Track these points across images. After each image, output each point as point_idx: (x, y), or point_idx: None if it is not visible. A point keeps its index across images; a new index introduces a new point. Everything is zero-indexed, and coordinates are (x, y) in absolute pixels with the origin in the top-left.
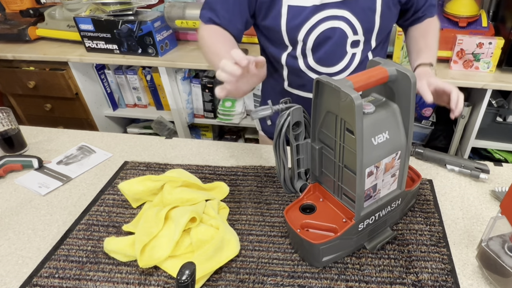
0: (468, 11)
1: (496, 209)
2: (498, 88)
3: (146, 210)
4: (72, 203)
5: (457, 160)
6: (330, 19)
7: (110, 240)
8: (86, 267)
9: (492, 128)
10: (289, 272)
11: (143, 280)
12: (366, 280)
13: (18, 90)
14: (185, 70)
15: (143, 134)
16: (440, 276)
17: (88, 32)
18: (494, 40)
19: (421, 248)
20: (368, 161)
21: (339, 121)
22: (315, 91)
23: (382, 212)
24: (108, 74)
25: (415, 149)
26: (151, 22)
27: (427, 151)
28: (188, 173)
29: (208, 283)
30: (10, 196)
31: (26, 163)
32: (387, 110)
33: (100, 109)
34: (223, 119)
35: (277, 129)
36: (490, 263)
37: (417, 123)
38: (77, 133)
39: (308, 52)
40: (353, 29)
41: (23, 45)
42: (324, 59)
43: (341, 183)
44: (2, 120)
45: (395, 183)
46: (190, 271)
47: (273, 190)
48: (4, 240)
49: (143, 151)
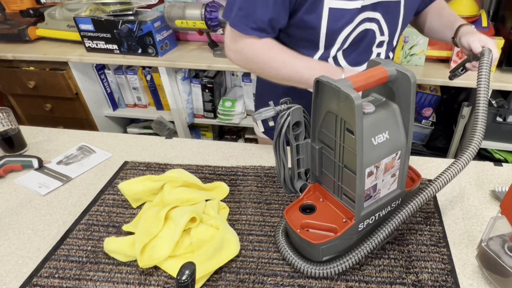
0: (468, 11)
1: (496, 209)
2: (498, 88)
3: (146, 210)
4: (72, 203)
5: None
6: (365, 21)
7: (110, 240)
8: (86, 267)
9: (492, 128)
10: (289, 272)
11: (143, 280)
12: (366, 280)
13: (18, 90)
14: (185, 70)
15: (143, 134)
16: (440, 276)
17: (88, 32)
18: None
19: (421, 248)
20: (368, 161)
21: (339, 121)
22: (315, 91)
23: (382, 212)
24: (108, 74)
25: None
26: (151, 22)
27: None
28: (188, 173)
29: (208, 283)
30: (10, 196)
31: (26, 163)
32: (387, 110)
33: (100, 109)
34: (223, 119)
35: (277, 129)
36: (490, 263)
37: (417, 123)
38: (77, 133)
39: (339, 53)
40: (381, 30)
41: (23, 45)
42: (354, 60)
43: (341, 183)
44: (2, 120)
45: (395, 183)
46: (190, 271)
47: (273, 190)
48: (4, 240)
49: (143, 151)
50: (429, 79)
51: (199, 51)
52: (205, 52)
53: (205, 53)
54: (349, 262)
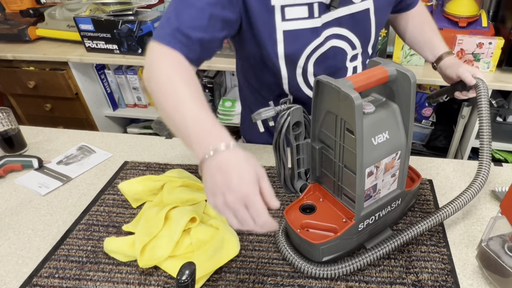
0: (468, 11)
1: (496, 209)
2: (498, 88)
3: (146, 210)
4: (72, 203)
5: None
6: (328, 39)
7: (110, 240)
8: (86, 267)
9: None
10: (289, 272)
11: (143, 280)
12: (366, 280)
13: (18, 90)
14: None
15: (143, 134)
16: (440, 276)
17: (88, 32)
18: (494, 40)
19: (421, 248)
20: (368, 161)
21: (339, 121)
22: (315, 91)
23: (382, 212)
24: (108, 74)
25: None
26: (151, 22)
27: None
28: (188, 173)
29: (208, 283)
30: (10, 196)
31: (26, 163)
32: (387, 110)
33: (100, 109)
34: (223, 119)
35: (277, 129)
36: (490, 263)
37: (417, 123)
38: (77, 133)
39: (307, 75)
40: (352, 45)
41: (23, 45)
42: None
43: (341, 183)
44: (2, 120)
45: (395, 183)
46: (190, 271)
47: (273, 190)
48: (4, 240)
49: (143, 151)
50: (429, 79)
51: None
52: None
53: None
54: (350, 267)
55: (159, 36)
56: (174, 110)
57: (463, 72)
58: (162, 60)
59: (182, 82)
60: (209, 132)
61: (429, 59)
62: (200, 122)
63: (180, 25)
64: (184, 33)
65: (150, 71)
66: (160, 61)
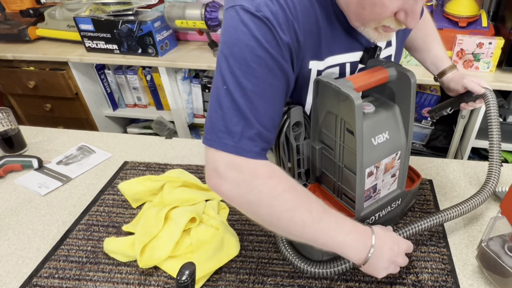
0: (468, 11)
1: (496, 209)
2: (498, 88)
3: (146, 210)
4: (72, 203)
5: None
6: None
7: (110, 241)
8: (86, 267)
9: None
10: (289, 272)
11: (143, 280)
12: (366, 280)
13: (18, 90)
14: (185, 70)
15: (143, 134)
16: (440, 276)
17: (88, 32)
18: (494, 40)
19: (421, 248)
20: (368, 161)
21: (339, 121)
22: (315, 91)
23: (382, 212)
24: (108, 74)
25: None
26: (151, 22)
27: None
28: (188, 173)
29: (208, 283)
30: (10, 196)
31: (26, 163)
32: (387, 110)
33: (100, 109)
34: None
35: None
36: (490, 263)
37: (417, 123)
38: (77, 133)
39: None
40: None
41: (23, 45)
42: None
43: (341, 183)
44: (2, 120)
45: (395, 183)
46: (190, 271)
47: None
48: (4, 240)
49: (143, 151)
50: (429, 79)
51: (199, 51)
52: (205, 52)
53: (205, 53)
54: (350, 263)
55: (240, 148)
56: (308, 230)
57: (469, 83)
58: (272, 186)
59: (304, 207)
60: (355, 235)
61: (431, 71)
62: (343, 230)
63: (261, 128)
64: (266, 139)
65: (261, 199)
66: (271, 189)
